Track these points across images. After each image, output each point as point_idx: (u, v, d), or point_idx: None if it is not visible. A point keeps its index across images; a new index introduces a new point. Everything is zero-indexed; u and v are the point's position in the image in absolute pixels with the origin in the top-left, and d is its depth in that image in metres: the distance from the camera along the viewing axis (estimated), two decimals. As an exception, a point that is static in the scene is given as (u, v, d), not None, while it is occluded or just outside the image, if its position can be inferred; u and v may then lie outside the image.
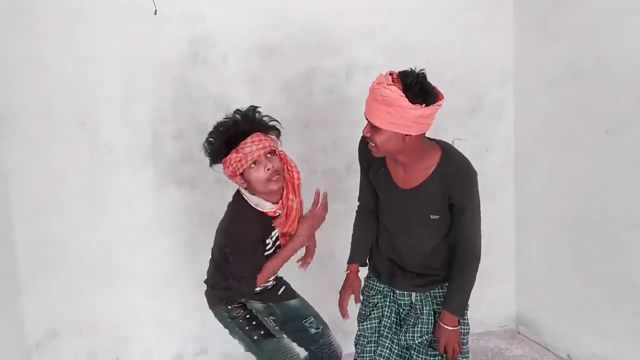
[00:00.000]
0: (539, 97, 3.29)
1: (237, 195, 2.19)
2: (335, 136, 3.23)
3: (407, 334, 2.08)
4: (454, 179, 1.91)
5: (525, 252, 3.57)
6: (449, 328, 2.01)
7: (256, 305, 2.34)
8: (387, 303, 2.16)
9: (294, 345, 2.34)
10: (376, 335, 2.17)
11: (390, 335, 2.14)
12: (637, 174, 2.61)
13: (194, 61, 3.02)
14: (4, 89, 2.79)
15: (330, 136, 3.23)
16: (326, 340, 2.45)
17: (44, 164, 2.89)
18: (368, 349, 2.16)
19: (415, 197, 1.97)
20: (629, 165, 2.65)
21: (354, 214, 2.45)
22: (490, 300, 3.64)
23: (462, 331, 2.08)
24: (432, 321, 2.07)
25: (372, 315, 2.18)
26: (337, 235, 3.22)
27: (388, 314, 2.15)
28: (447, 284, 2.08)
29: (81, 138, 2.94)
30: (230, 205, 2.21)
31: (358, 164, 2.65)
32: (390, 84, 1.75)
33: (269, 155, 2.04)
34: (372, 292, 2.21)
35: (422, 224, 2.01)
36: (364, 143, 2.06)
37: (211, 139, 2.09)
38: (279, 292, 2.43)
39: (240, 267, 2.13)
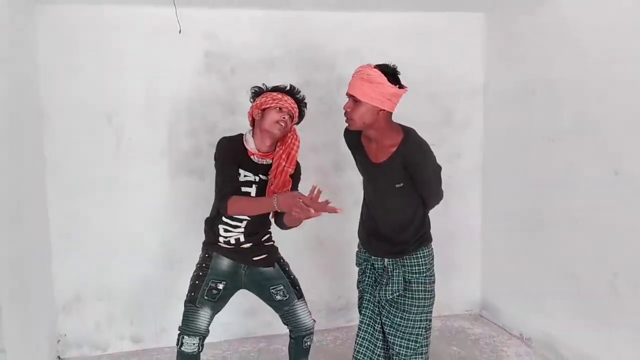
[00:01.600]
0: (503, 111, 3.79)
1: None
2: (325, 139, 3.72)
3: (381, 292, 2.50)
4: (411, 157, 2.35)
5: (490, 245, 4.05)
6: None
7: (222, 262, 2.61)
8: (368, 266, 2.59)
9: (204, 321, 2.58)
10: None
11: (370, 291, 2.57)
12: (575, 176, 3.10)
13: (207, 72, 3.53)
14: (47, 91, 3.29)
15: (320, 138, 3.72)
16: (291, 309, 2.68)
17: (76, 154, 3.39)
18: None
19: (383, 170, 2.42)
20: (569, 169, 3.14)
21: (340, 206, 2.91)
22: (459, 288, 4.14)
23: (429, 279, 2.50)
24: (402, 283, 2.46)
25: (363, 279, 2.62)
26: (325, 224, 3.76)
27: (369, 274, 2.59)
28: (415, 254, 2.46)
29: (108, 133, 3.43)
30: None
31: (344, 162, 3.14)
32: (373, 69, 2.28)
33: (287, 115, 2.51)
34: (360, 260, 2.65)
35: (390, 192, 2.44)
36: (347, 133, 2.55)
37: (267, 86, 2.60)
38: (255, 257, 2.63)
39: (217, 181, 2.52)
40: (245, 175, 2.54)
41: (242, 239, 2.60)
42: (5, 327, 2.41)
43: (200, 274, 2.63)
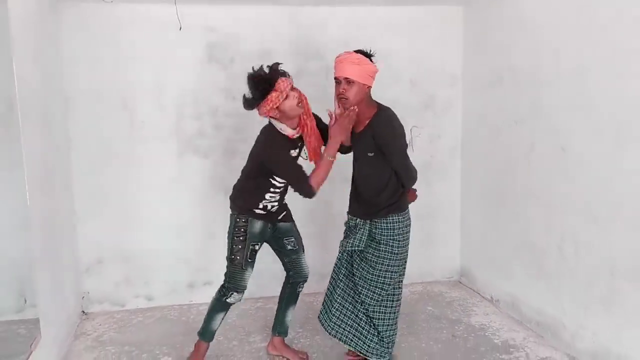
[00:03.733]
0: (478, 96, 4.17)
1: (266, 128, 2.91)
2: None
3: (348, 242, 2.96)
4: (378, 128, 2.78)
5: (468, 218, 4.45)
6: None
7: (256, 225, 2.96)
8: (348, 224, 3.06)
9: (248, 279, 3.01)
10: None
11: (344, 243, 3.02)
12: (532, 154, 3.49)
13: (209, 61, 3.97)
14: (70, 78, 3.76)
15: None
16: (297, 257, 3.17)
17: (96, 134, 3.86)
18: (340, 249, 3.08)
19: (359, 139, 2.86)
20: (528, 148, 3.53)
21: (329, 182, 3.29)
22: (440, 257, 4.56)
23: (397, 243, 2.87)
24: (364, 240, 2.90)
25: (344, 237, 3.09)
26: (316, 198, 4.19)
27: (346, 232, 3.06)
28: (385, 219, 2.84)
29: (123, 116, 3.89)
30: (262, 135, 2.91)
31: None
32: (357, 54, 2.75)
33: (293, 92, 2.79)
34: (346, 220, 3.10)
35: (364, 160, 2.87)
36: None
37: (252, 91, 2.75)
38: (279, 217, 3.09)
39: (292, 176, 2.82)
40: (293, 156, 2.94)
41: (276, 205, 3.04)
42: (38, 283, 2.85)
43: (241, 238, 2.96)
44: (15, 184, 2.75)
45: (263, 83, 2.74)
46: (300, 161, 2.99)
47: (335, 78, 2.78)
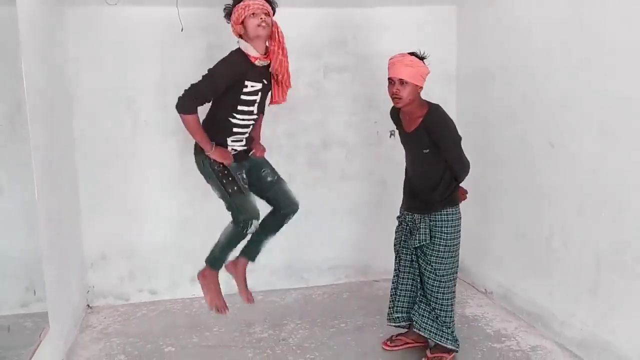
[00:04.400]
0: (472, 92, 4.27)
1: (232, 50, 2.87)
2: (314, 119, 4.27)
3: (410, 240, 3.13)
4: (432, 126, 2.96)
5: (463, 213, 4.54)
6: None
7: (233, 164, 2.87)
8: (405, 219, 3.20)
9: (256, 204, 2.91)
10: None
11: (404, 239, 3.19)
12: (522, 149, 3.60)
13: (209, 61, 4.04)
14: (76, 80, 3.88)
15: (310, 119, 4.26)
16: (281, 187, 3.05)
17: (100, 133, 3.97)
18: (397, 247, 3.25)
19: (413, 137, 3.03)
20: (518, 143, 3.64)
21: (328, 180, 3.74)
22: (435, 251, 4.66)
23: (451, 236, 3.07)
24: (428, 234, 3.05)
25: (399, 230, 3.25)
26: (315, 194, 4.31)
27: (404, 226, 3.21)
28: (441, 212, 3.02)
29: (127, 116, 4.01)
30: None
31: (330, 140, 3.71)
32: (411, 56, 2.92)
33: (263, 14, 2.74)
34: (399, 214, 3.25)
35: (419, 157, 3.05)
36: (392, 111, 3.16)
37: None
38: (249, 153, 3.05)
39: (199, 86, 2.78)
40: (252, 86, 2.83)
41: (243, 143, 3.00)
42: (46, 277, 2.97)
43: (225, 172, 2.87)
44: (24, 182, 2.87)
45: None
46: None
47: (389, 78, 2.95)
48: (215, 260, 3.14)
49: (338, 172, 4.39)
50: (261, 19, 2.75)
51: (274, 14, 2.87)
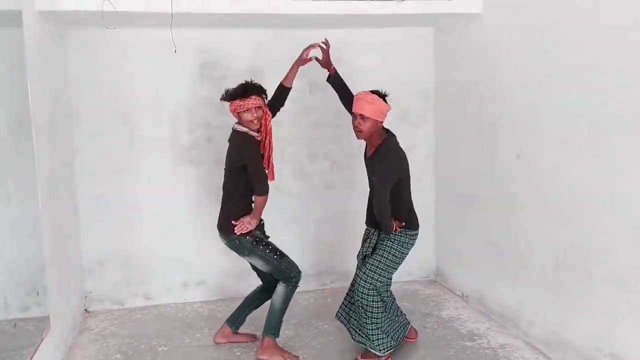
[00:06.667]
0: (449, 109, 4.55)
1: (234, 132, 3.34)
2: (300, 133, 4.53)
3: (362, 248, 3.41)
4: (377, 158, 3.23)
5: (442, 221, 4.81)
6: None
7: (256, 233, 3.36)
8: (365, 232, 3.49)
9: None
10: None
11: (361, 249, 3.46)
12: (491, 161, 3.86)
13: (202, 79, 4.35)
14: (75, 96, 4.13)
15: (296, 133, 4.51)
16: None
17: (98, 146, 4.21)
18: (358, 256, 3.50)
19: (368, 163, 3.35)
20: (488, 156, 3.91)
21: (314, 190, 4.11)
22: (416, 258, 4.81)
23: (390, 255, 3.27)
24: (372, 247, 3.34)
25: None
26: (299, 205, 4.55)
27: (363, 239, 3.48)
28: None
29: (124, 130, 4.26)
30: (234, 138, 3.35)
31: (315, 153, 3.99)
32: (372, 94, 3.20)
33: (255, 108, 3.26)
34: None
35: (372, 180, 3.32)
36: None
37: (231, 91, 3.30)
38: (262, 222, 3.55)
39: (259, 176, 3.25)
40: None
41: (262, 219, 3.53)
42: (48, 282, 3.18)
43: (262, 243, 3.37)
44: (28, 192, 3.10)
45: (239, 90, 3.29)
46: None
47: (352, 112, 3.26)
48: (276, 328, 3.46)
49: (322, 183, 4.64)
50: (253, 116, 3.27)
51: (266, 98, 3.39)
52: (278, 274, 3.38)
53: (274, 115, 3.52)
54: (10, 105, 3.00)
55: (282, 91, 3.62)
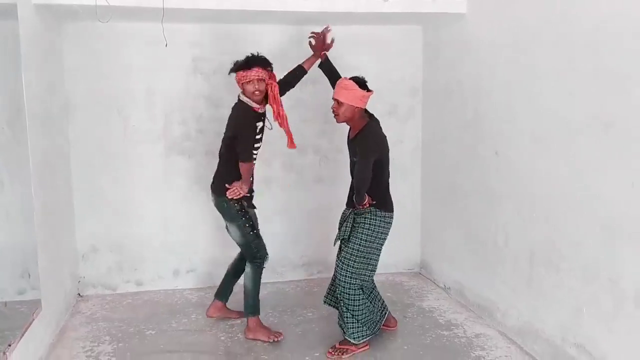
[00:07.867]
0: (435, 105, 4.66)
1: (237, 103, 3.48)
2: (291, 127, 4.63)
3: (340, 230, 3.51)
4: (358, 140, 3.35)
5: (427, 215, 4.93)
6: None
7: (244, 204, 3.53)
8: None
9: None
10: None
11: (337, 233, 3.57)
12: (472, 157, 3.97)
13: (194, 73, 4.47)
14: (73, 87, 4.26)
15: (286, 127, 4.64)
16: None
17: (93, 137, 4.34)
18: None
19: (350, 145, 3.48)
20: (469, 151, 4.02)
21: (303, 183, 4.24)
22: (402, 250, 5.01)
23: (367, 236, 3.37)
24: (349, 229, 3.43)
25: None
26: (290, 196, 4.67)
27: (340, 222, 3.60)
28: (371, 208, 3.37)
29: (117, 121, 4.39)
30: (235, 109, 3.49)
31: (306, 146, 4.15)
32: (348, 80, 3.31)
33: (258, 80, 3.37)
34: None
35: (352, 162, 3.45)
36: None
37: (238, 62, 3.42)
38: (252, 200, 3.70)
39: (243, 145, 3.38)
40: (259, 127, 3.52)
41: (253, 191, 3.71)
42: (40, 268, 3.31)
43: (244, 219, 3.53)
44: (22, 179, 3.23)
45: (244, 62, 3.41)
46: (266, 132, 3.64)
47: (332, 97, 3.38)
48: (254, 307, 3.64)
49: (312, 176, 4.76)
50: (255, 87, 3.38)
51: (271, 70, 3.50)
52: (246, 249, 3.57)
53: (282, 93, 3.63)
54: (6, 96, 3.12)
55: (297, 72, 3.77)
